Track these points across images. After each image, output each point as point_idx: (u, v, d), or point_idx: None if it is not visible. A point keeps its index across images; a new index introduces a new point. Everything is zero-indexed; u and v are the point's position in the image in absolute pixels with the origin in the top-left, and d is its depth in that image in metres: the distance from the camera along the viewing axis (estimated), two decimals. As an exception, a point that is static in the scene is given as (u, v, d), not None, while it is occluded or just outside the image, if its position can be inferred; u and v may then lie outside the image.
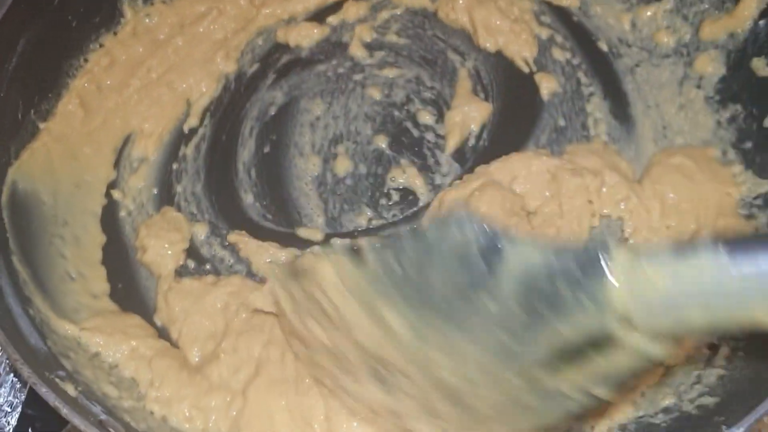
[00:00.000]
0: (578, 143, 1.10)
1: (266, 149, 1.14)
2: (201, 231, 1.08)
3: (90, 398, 0.83)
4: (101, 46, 1.18)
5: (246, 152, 1.14)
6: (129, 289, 1.04)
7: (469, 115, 1.12)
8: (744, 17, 1.10)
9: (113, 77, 1.16)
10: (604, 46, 1.19)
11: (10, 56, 1.05)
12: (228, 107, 1.18)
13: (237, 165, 1.13)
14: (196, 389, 0.91)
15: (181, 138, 1.16)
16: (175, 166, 1.14)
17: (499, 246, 0.66)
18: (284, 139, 1.14)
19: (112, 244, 1.08)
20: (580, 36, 1.20)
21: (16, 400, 0.94)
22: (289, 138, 1.14)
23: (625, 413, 0.89)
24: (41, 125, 1.09)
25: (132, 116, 1.15)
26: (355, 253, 0.73)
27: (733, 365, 0.89)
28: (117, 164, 1.13)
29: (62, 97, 1.12)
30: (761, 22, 1.09)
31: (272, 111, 1.17)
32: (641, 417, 0.89)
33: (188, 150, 1.15)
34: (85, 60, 1.16)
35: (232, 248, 1.06)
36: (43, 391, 0.77)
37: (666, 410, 0.88)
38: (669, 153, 1.08)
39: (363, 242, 0.73)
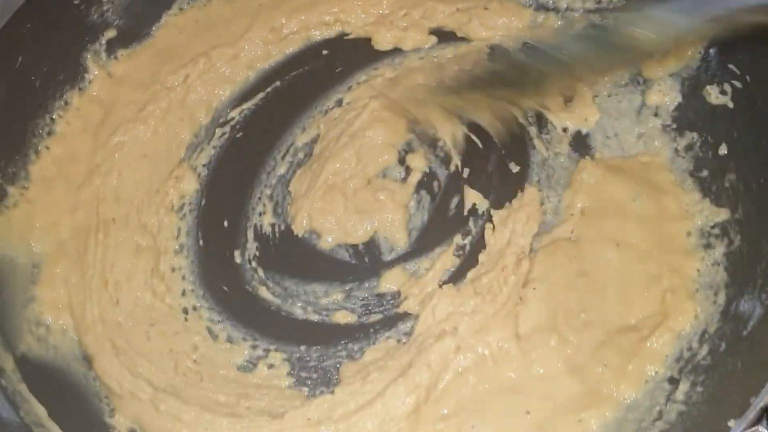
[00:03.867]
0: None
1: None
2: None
3: (64, 467, 0.85)
4: (66, 103, 1.19)
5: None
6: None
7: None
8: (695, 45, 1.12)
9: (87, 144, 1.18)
10: (564, 77, 1.21)
11: (-24, 124, 1.07)
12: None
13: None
14: None
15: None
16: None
17: None
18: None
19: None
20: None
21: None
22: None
23: None
24: (9, 189, 1.10)
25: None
26: None
27: (693, 401, 0.91)
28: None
29: (32, 161, 1.14)
30: (711, 51, 1.11)
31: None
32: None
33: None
34: (51, 119, 1.17)
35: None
36: (14, 469, 0.79)
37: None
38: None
39: None
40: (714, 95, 1.10)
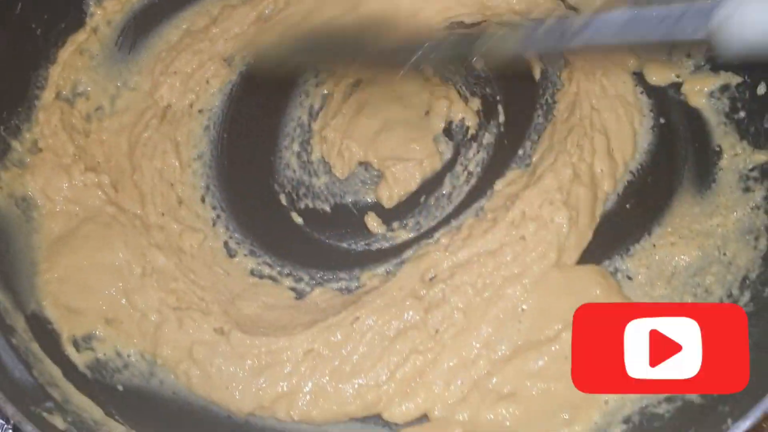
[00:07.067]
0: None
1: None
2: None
3: (80, 429, 0.81)
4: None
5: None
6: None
7: None
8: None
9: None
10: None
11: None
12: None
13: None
14: None
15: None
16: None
17: None
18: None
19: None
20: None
21: (5, 433, 0.91)
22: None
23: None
24: (13, 143, 1.05)
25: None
26: None
27: (736, 348, 0.87)
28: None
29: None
30: (749, -17, 1.05)
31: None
32: (645, 407, 0.87)
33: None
34: (56, 69, 1.12)
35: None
36: (29, 429, 0.75)
37: (669, 399, 0.87)
38: None
39: None
40: (752, 32, 1.04)
